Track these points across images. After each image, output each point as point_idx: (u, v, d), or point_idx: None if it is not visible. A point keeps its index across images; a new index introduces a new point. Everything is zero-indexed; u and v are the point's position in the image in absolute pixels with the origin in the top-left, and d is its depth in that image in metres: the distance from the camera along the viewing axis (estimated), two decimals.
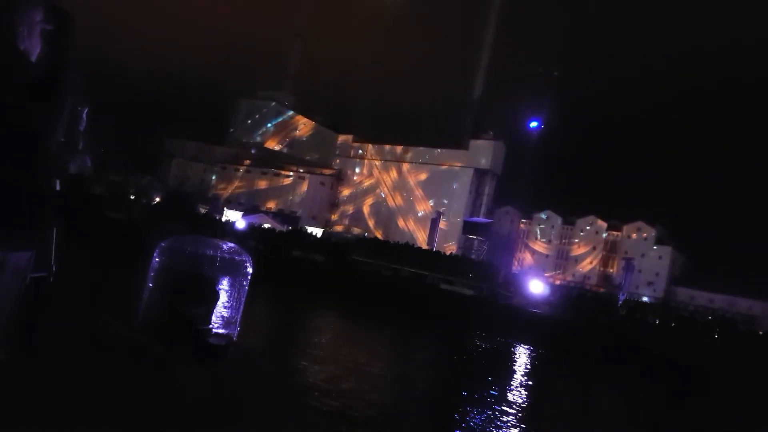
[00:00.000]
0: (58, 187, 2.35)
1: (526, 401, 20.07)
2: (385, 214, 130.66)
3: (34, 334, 2.41)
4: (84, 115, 2.25)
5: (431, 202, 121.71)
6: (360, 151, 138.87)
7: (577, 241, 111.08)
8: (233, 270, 3.96)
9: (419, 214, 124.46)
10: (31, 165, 2.02)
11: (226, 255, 3.90)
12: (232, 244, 4.04)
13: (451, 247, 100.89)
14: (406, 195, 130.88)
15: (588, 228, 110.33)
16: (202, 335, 3.56)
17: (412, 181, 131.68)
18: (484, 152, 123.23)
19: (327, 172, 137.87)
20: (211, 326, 3.72)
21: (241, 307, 3.83)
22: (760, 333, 46.50)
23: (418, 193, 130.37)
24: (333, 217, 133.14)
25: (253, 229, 57.52)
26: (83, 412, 2.59)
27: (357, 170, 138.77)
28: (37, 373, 2.76)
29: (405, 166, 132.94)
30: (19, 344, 2.31)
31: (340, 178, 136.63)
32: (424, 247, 68.75)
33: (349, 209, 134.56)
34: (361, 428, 13.34)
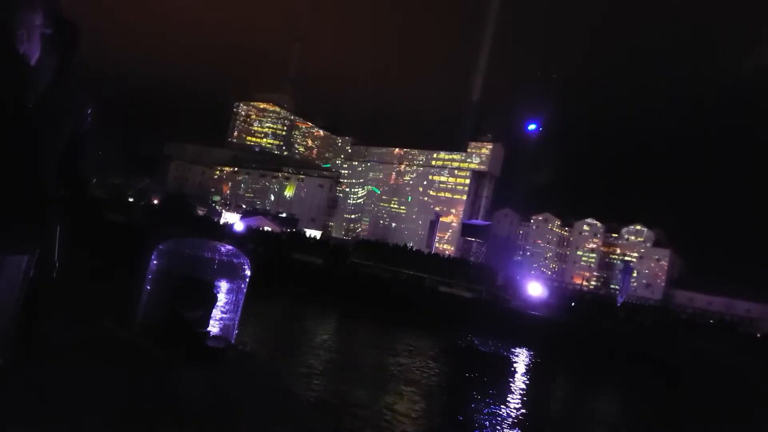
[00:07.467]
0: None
1: (523, 405, 20.08)
2: (383, 217, 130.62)
3: (34, 336, 2.42)
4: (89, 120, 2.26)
5: (430, 205, 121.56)
6: (365, 152, 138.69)
7: (575, 244, 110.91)
8: (231, 273, 3.96)
9: (415, 217, 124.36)
10: (31, 168, 2.03)
11: (224, 257, 3.90)
12: (230, 247, 4.03)
13: (449, 250, 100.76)
14: (405, 197, 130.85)
15: (586, 230, 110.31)
16: (200, 338, 3.56)
17: (410, 183, 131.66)
18: (482, 154, 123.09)
19: (326, 174, 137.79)
20: (208, 329, 3.72)
21: (239, 310, 3.83)
22: (758, 335, 46.50)
23: (417, 195, 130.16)
24: (331, 219, 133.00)
25: (251, 232, 57.49)
26: (82, 414, 2.60)
27: (356, 172, 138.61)
28: (35, 376, 2.77)
29: (404, 168, 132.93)
30: (18, 347, 2.32)
31: (338, 180, 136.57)
32: (423, 249, 68.79)
33: (348, 211, 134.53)
34: (360, 428, 13.34)
